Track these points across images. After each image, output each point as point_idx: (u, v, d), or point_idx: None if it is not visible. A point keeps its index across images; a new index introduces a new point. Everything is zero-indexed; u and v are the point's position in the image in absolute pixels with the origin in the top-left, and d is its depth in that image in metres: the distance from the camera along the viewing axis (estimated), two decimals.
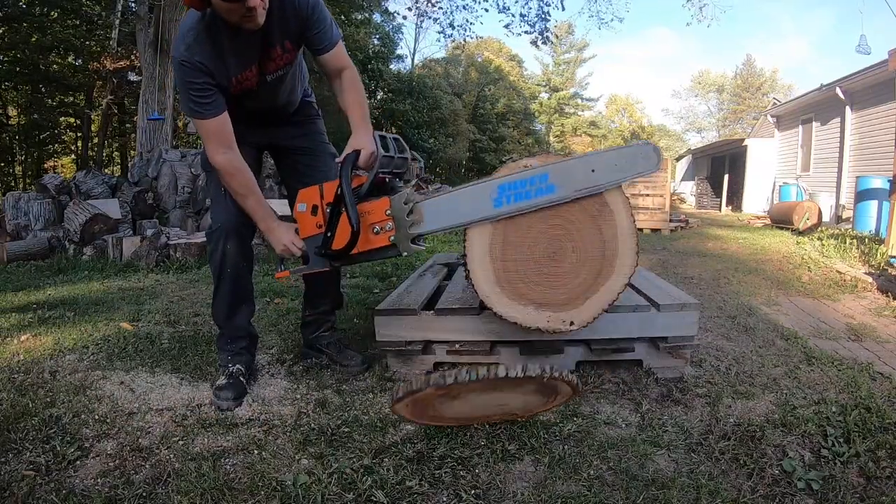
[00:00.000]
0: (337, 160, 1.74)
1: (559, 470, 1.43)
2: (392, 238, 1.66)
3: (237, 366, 1.92)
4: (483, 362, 2.08)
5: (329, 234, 1.67)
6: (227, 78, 1.72)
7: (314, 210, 1.73)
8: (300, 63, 1.97)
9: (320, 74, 1.92)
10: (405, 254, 1.68)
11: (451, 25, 12.78)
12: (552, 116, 42.73)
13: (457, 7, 12.57)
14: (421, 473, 1.41)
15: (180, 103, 1.82)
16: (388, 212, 1.65)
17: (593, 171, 1.59)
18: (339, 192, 1.63)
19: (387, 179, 1.71)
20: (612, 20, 14.22)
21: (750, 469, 1.44)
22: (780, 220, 8.93)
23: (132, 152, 15.50)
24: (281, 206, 5.59)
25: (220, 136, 1.73)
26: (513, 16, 11.96)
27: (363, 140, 1.73)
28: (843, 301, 3.51)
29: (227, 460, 1.49)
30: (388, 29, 24.87)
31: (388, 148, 1.69)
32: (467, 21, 13.06)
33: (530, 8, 11.79)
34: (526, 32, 12.20)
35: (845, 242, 5.73)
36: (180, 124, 14.63)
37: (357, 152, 1.68)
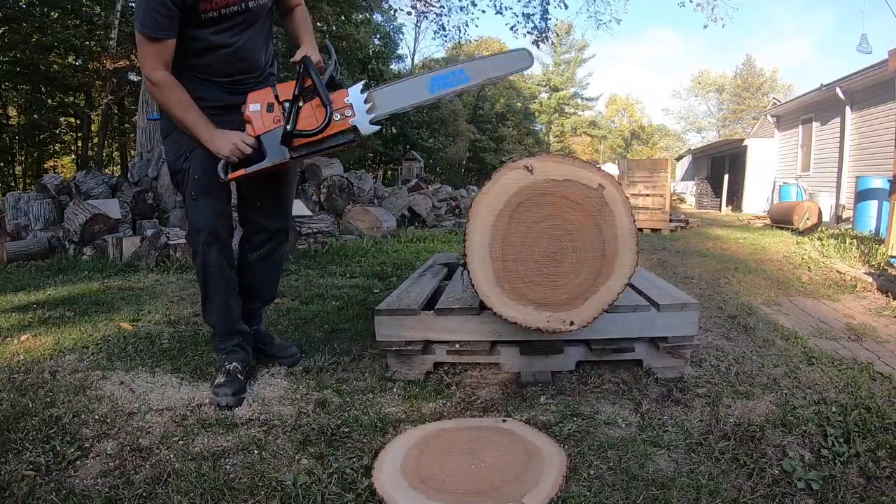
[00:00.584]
0: (293, 60, 1.84)
1: None
2: (353, 121, 1.81)
3: (234, 363, 1.93)
4: (483, 362, 2.08)
5: (289, 127, 1.77)
6: None
7: (269, 107, 1.81)
8: (271, 24, 2.01)
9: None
10: (364, 133, 1.84)
11: (443, 28, 12.79)
12: (552, 116, 42.74)
13: (453, 8, 12.57)
14: None
15: (134, 18, 1.81)
16: (347, 100, 1.82)
17: (492, 66, 1.97)
18: (297, 89, 1.77)
19: (337, 79, 1.90)
20: (609, 21, 14.23)
21: (750, 469, 1.44)
22: (780, 220, 8.93)
23: (132, 152, 15.50)
24: None
25: (162, 57, 1.74)
26: (515, 14, 11.93)
27: (311, 49, 1.90)
28: (843, 301, 3.51)
29: (227, 460, 1.49)
30: (388, 29, 24.87)
31: (330, 56, 1.88)
32: (465, 23, 13.05)
33: (534, 7, 11.78)
34: (529, 33, 12.19)
35: (845, 242, 5.73)
36: None
37: (309, 57, 1.82)
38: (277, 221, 2.11)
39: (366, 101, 1.85)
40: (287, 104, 1.78)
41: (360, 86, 1.86)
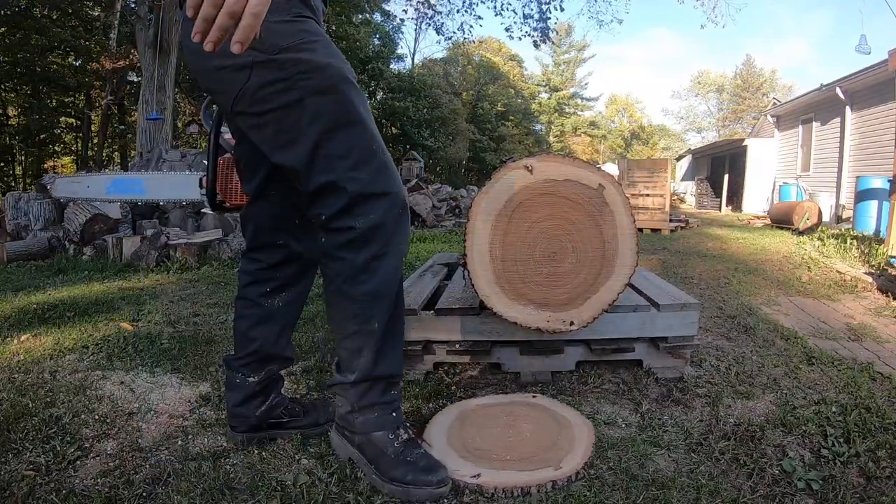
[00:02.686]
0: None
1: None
2: None
3: (408, 431, 1.37)
4: (483, 362, 2.08)
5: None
6: None
7: None
8: None
9: None
10: None
11: (439, 31, 12.78)
12: (552, 116, 42.75)
13: (452, 10, 12.57)
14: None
15: None
16: None
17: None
18: None
19: None
20: (611, 21, 14.31)
21: (750, 469, 1.44)
22: (780, 220, 8.93)
23: (132, 152, 15.50)
24: None
25: None
26: (514, 12, 11.91)
27: None
28: (843, 301, 3.51)
29: (227, 460, 1.49)
30: (387, 29, 24.88)
31: None
32: (469, 25, 13.05)
33: (531, 10, 11.78)
34: (527, 34, 12.18)
35: (845, 242, 5.73)
36: (180, 125, 14.63)
37: None
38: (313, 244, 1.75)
39: None
40: None
41: None
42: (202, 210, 1.44)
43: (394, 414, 1.34)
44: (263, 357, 1.50)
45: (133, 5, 12.13)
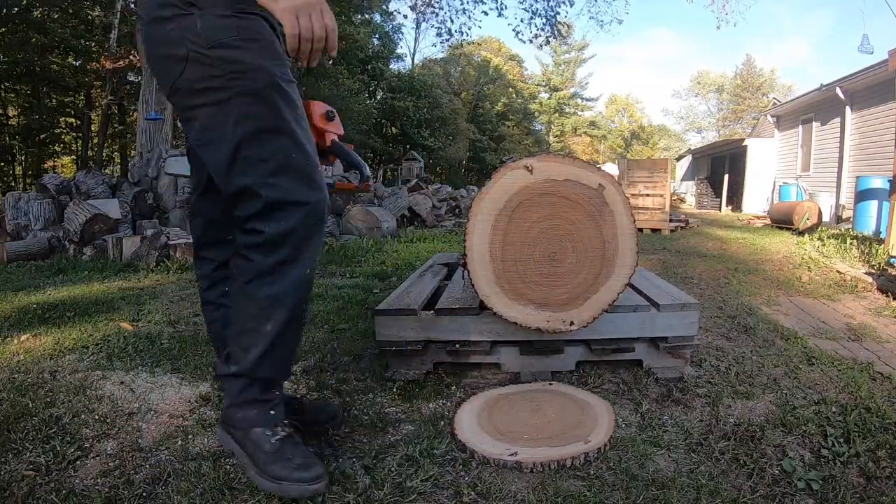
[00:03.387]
0: None
1: (559, 469, 1.43)
2: None
3: (286, 429, 1.33)
4: (483, 362, 2.08)
5: None
6: None
7: None
8: None
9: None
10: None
11: (450, 32, 12.74)
12: (552, 116, 42.76)
13: (454, 11, 12.54)
14: (422, 473, 1.41)
15: None
16: None
17: None
18: None
19: None
20: (611, 22, 14.29)
21: (750, 469, 1.44)
22: (780, 220, 8.93)
23: (132, 152, 15.51)
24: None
25: None
26: (525, 10, 11.81)
27: None
28: (843, 301, 3.51)
29: (227, 460, 1.49)
30: (387, 29, 24.89)
31: None
32: (469, 27, 13.02)
33: (539, 7, 11.73)
34: (536, 37, 12.15)
35: (845, 242, 5.73)
36: (179, 124, 14.63)
37: None
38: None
39: None
40: None
41: None
42: None
43: (272, 412, 1.32)
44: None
45: (133, 5, 12.13)
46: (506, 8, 11.74)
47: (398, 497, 1.33)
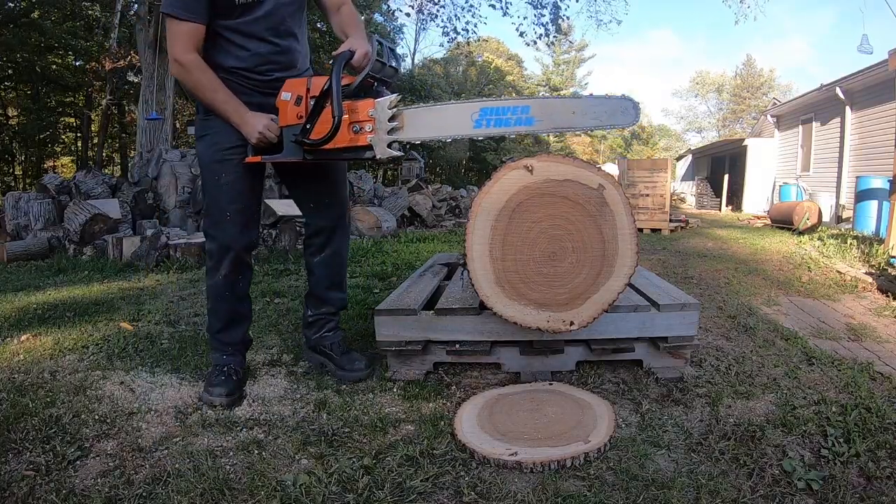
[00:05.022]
0: (333, 53, 1.69)
1: (559, 469, 1.43)
2: (370, 139, 1.66)
3: (230, 364, 1.92)
4: (483, 362, 2.08)
5: (308, 126, 1.67)
6: None
7: (298, 100, 1.71)
8: (304, 16, 1.93)
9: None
10: (379, 157, 1.67)
11: (456, 30, 12.69)
12: None
13: (459, 9, 12.51)
14: (422, 473, 1.41)
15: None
16: (371, 112, 1.64)
17: (573, 112, 1.63)
18: (327, 85, 1.62)
19: (374, 84, 1.71)
20: (610, 21, 14.25)
21: (750, 469, 1.44)
22: (780, 220, 8.93)
23: (132, 152, 15.51)
24: (285, 207, 5.53)
25: (191, 40, 1.70)
26: (530, 3, 11.71)
27: (359, 42, 1.71)
28: (843, 301, 3.51)
29: (227, 460, 1.49)
30: (388, 29, 24.87)
31: (382, 54, 1.70)
32: (473, 24, 12.95)
33: (543, 8, 11.69)
34: (541, 37, 12.10)
35: (845, 242, 5.73)
36: (179, 124, 14.63)
37: (352, 52, 1.67)
38: (332, 220, 2.04)
39: (391, 119, 1.63)
40: (313, 101, 1.66)
41: (390, 98, 1.64)
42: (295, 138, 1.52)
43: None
44: (308, 295, 2.14)
45: (133, 5, 12.13)
46: (510, 5, 11.71)
47: (398, 497, 1.33)
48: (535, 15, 11.74)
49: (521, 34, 12.04)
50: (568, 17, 12.18)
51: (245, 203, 1.87)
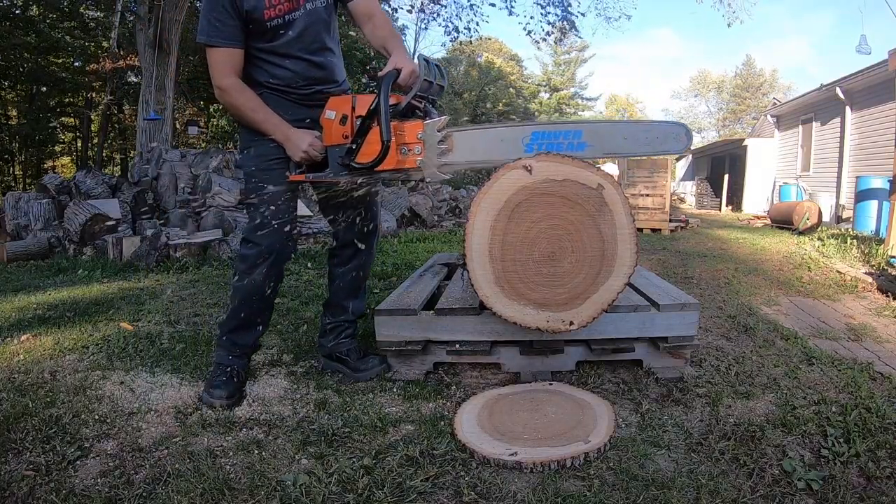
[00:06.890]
0: (379, 73, 1.66)
1: (559, 469, 1.43)
2: (419, 161, 1.63)
3: (233, 366, 1.93)
4: (483, 362, 2.08)
5: (354, 146, 1.64)
6: None
7: (343, 120, 1.68)
8: (335, 28, 1.93)
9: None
10: (428, 179, 1.66)
11: (457, 29, 12.67)
12: (552, 116, 42.73)
13: (460, 7, 12.48)
14: (422, 473, 1.41)
15: (199, 27, 1.76)
16: (420, 135, 1.62)
17: (625, 138, 1.62)
18: (373, 105, 1.60)
19: (422, 104, 1.69)
20: (619, 17, 14.07)
21: (750, 469, 1.44)
22: (780, 220, 8.93)
23: (132, 152, 15.50)
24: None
25: (230, 64, 1.74)
26: (538, 3, 11.64)
27: (403, 59, 1.68)
28: (843, 301, 3.51)
29: (226, 460, 1.49)
30: None
31: (429, 73, 1.67)
32: (476, 23, 12.89)
33: (551, 6, 11.65)
34: (549, 34, 12.07)
35: (845, 242, 5.73)
36: (179, 125, 14.63)
37: (398, 70, 1.64)
38: (363, 237, 2.06)
39: (440, 142, 1.60)
40: (359, 121, 1.64)
41: (439, 120, 1.61)
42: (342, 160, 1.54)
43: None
44: (328, 303, 2.18)
45: (133, 5, 12.11)
46: (515, 3, 11.70)
47: (398, 497, 1.33)
48: (541, 13, 11.70)
49: (529, 33, 12.00)
50: (583, 14, 12.09)
51: (289, 214, 1.88)
